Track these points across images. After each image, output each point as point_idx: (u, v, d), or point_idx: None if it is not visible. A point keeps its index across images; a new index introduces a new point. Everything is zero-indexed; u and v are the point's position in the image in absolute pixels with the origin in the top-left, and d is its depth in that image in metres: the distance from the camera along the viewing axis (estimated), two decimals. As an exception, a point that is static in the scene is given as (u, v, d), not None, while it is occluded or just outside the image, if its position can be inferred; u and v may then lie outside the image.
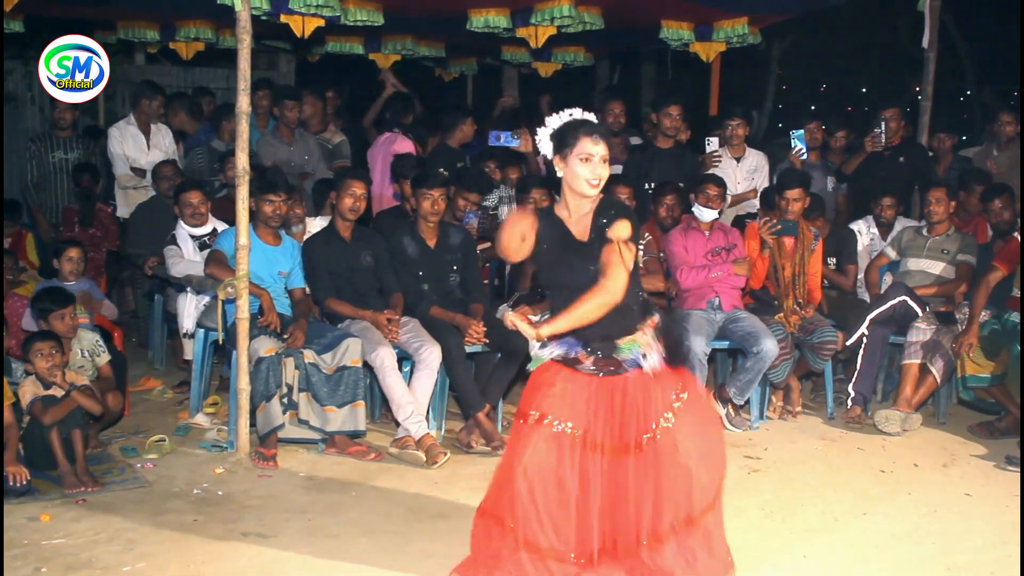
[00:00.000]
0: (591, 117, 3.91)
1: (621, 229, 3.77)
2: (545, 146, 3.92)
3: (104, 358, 5.83)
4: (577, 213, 3.90)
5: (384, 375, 5.83)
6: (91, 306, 6.48)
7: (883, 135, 7.84)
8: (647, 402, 3.93)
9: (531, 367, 4.06)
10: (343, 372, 5.71)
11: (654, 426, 3.89)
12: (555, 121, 3.90)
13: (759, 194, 7.61)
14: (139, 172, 8.21)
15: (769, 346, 6.29)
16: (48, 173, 8.45)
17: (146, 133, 8.32)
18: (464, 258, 6.44)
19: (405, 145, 8.32)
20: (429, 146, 8.54)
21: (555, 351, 3.96)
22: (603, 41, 9.43)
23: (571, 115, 3.89)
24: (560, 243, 3.90)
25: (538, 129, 3.94)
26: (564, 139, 3.84)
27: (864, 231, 7.58)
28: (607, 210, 3.85)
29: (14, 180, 10.48)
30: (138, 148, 8.28)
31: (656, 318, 4.03)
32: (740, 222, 7.46)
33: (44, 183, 8.50)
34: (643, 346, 3.95)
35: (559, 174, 3.89)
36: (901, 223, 7.53)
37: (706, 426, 4.05)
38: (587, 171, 3.80)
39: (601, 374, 3.95)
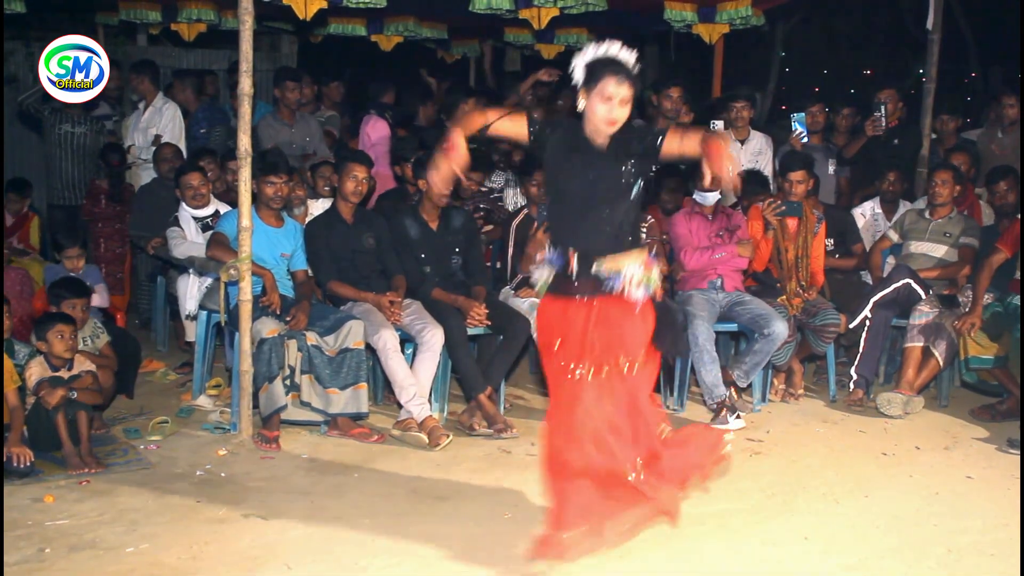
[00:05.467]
0: (626, 55, 3.93)
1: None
2: (578, 74, 3.95)
3: (104, 339, 5.87)
4: (598, 136, 4.00)
5: (387, 357, 5.83)
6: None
7: (883, 118, 7.82)
8: (632, 330, 4.06)
9: (541, 292, 4.23)
10: (346, 354, 5.71)
11: (636, 360, 4.07)
12: (591, 51, 3.94)
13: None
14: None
15: (780, 328, 6.26)
16: (52, 144, 8.48)
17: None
18: (466, 240, 6.43)
19: (379, 126, 8.33)
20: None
21: (547, 274, 4.13)
22: (606, 22, 9.39)
23: (607, 51, 3.92)
24: (572, 147, 4.02)
25: (575, 60, 3.97)
26: (592, 74, 3.90)
27: (868, 212, 7.57)
28: (638, 133, 4.05)
29: (16, 158, 10.52)
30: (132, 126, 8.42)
31: (651, 258, 4.12)
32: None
33: (48, 156, 8.55)
34: (626, 274, 4.03)
35: (580, 105, 3.96)
36: (903, 206, 7.51)
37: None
38: (604, 111, 3.90)
39: (584, 296, 4.05)
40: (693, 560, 4.28)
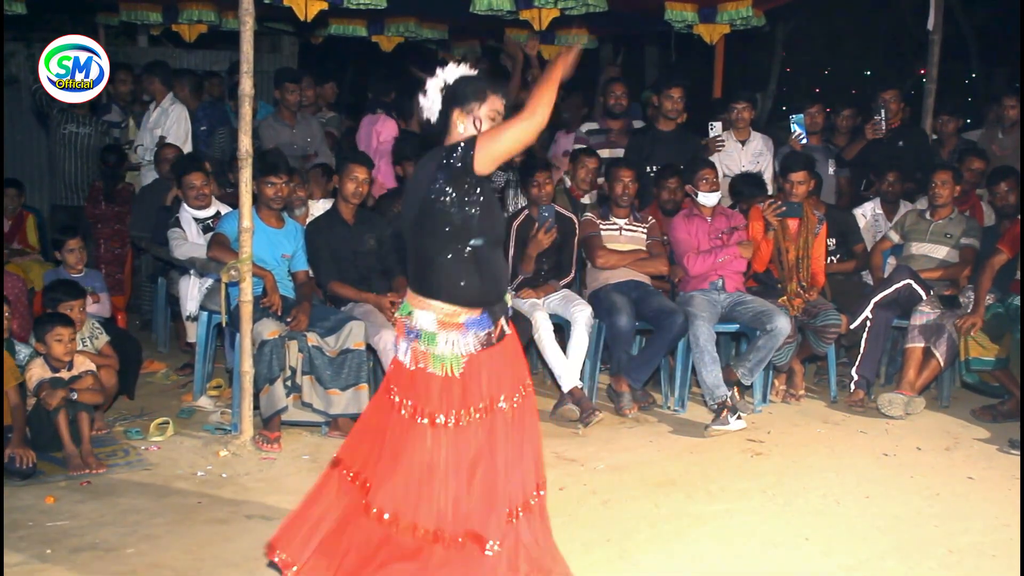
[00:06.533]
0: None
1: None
2: (433, 98, 3.58)
3: (103, 339, 5.88)
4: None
5: (387, 358, 5.81)
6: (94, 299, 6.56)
7: (883, 121, 7.81)
8: (518, 363, 3.77)
9: (439, 366, 3.55)
10: (346, 355, 5.72)
11: (521, 389, 3.72)
12: (450, 73, 3.58)
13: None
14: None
15: (782, 323, 6.25)
16: (57, 144, 8.50)
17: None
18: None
19: (389, 125, 8.33)
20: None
21: (470, 341, 3.57)
22: (607, 23, 9.40)
23: (463, 71, 3.60)
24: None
25: (428, 82, 3.60)
26: (468, 95, 3.54)
27: (868, 213, 7.57)
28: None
29: (16, 159, 10.54)
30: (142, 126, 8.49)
31: None
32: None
33: (52, 156, 8.58)
34: (509, 299, 3.79)
35: (460, 129, 3.55)
36: (904, 207, 7.52)
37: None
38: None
39: (500, 337, 3.68)
40: (694, 560, 4.28)
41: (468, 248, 3.53)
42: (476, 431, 3.57)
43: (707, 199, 6.69)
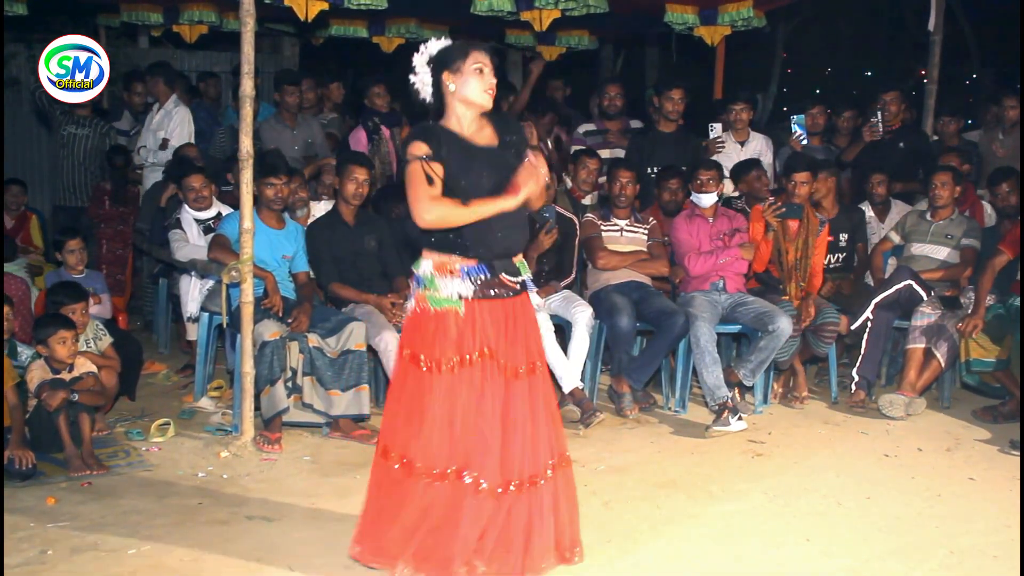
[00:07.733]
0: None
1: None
2: (423, 72, 3.89)
3: (106, 341, 5.87)
4: (470, 128, 3.90)
5: (388, 359, 5.83)
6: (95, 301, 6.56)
7: (880, 124, 7.80)
8: (534, 329, 3.99)
9: (438, 306, 3.84)
10: (347, 356, 5.72)
11: (538, 359, 3.96)
12: (433, 46, 3.89)
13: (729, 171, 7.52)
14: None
15: (785, 324, 6.25)
16: (58, 145, 8.52)
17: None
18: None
19: (357, 136, 8.31)
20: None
21: (463, 287, 3.83)
22: (607, 24, 9.40)
23: (443, 42, 3.91)
24: (465, 153, 3.84)
25: (414, 59, 3.91)
26: (453, 57, 3.84)
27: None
28: (508, 126, 4.01)
29: (17, 161, 10.55)
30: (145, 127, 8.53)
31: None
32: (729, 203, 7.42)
33: (54, 157, 8.61)
34: (528, 271, 4.01)
35: (451, 88, 3.84)
36: (899, 208, 7.51)
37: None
38: (483, 82, 3.83)
39: (506, 295, 3.91)
40: (695, 561, 4.27)
41: None
42: (472, 377, 3.81)
43: (700, 200, 6.70)
